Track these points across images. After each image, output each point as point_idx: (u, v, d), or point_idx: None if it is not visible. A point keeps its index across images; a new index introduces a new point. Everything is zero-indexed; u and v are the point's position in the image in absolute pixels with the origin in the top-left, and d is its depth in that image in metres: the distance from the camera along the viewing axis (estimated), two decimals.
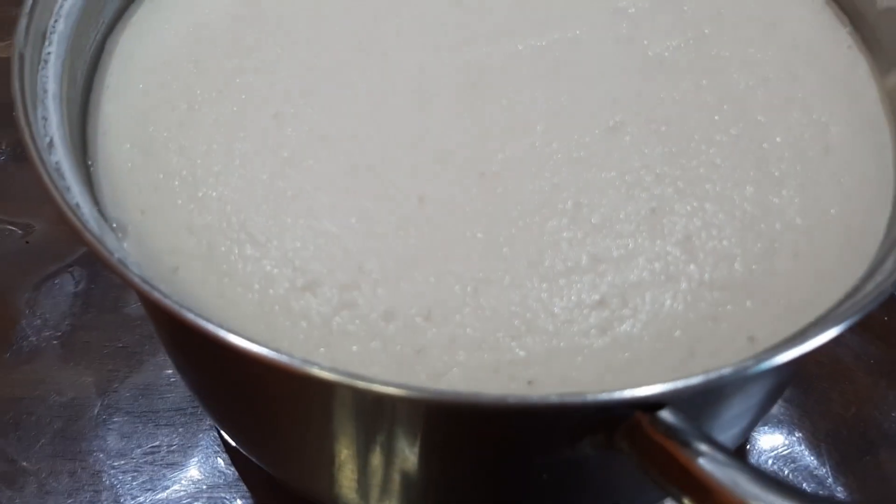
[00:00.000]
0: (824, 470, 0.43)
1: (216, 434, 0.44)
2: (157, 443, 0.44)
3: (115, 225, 0.32)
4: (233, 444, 0.43)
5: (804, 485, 0.42)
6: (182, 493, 0.43)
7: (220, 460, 0.43)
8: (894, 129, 0.35)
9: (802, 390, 0.45)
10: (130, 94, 0.35)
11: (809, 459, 0.44)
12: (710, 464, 0.23)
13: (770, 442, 0.44)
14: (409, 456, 0.28)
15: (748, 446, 0.44)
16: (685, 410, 0.24)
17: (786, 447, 0.44)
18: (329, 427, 0.28)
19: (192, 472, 0.43)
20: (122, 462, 0.44)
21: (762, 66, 0.36)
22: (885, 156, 0.34)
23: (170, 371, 0.46)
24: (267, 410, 0.32)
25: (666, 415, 0.24)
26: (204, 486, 0.43)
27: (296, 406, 0.29)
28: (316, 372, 0.23)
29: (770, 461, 0.43)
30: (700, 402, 0.26)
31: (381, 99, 0.34)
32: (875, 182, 0.33)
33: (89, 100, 0.36)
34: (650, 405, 0.24)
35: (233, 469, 0.43)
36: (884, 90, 0.36)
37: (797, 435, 0.44)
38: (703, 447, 0.24)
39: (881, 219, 0.32)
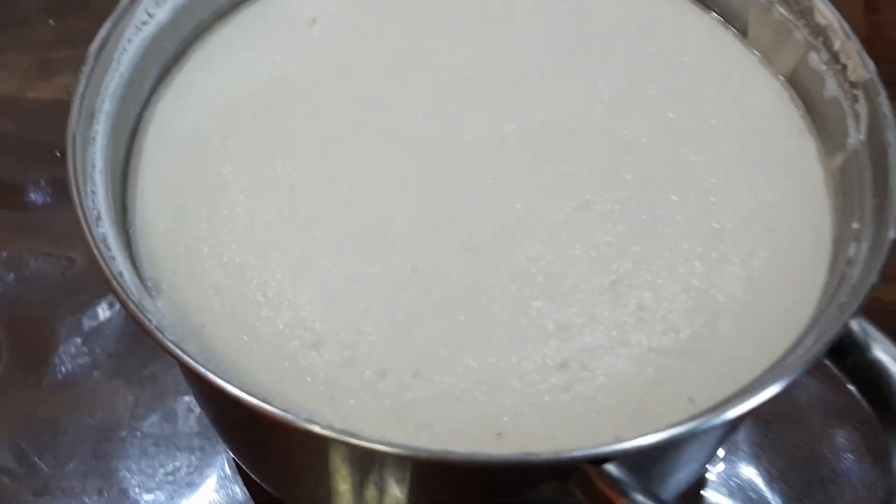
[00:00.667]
0: None
1: (229, 457, 0.50)
2: (177, 463, 0.50)
3: (150, 284, 0.37)
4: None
5: None
6: None
7: (233, 484, 0.49)
8: (833, 209, 0.40)
9: (761, 430, 0.50)
10: (165, 163, 0.41)
11: (765, 494, 0.49)
12: None
13: (728, 477, 0.49)
14: (395, 493, 0.34)
15: (707, 481, 0.49)
16: (628, 464, 0.30)
17: (743, 482, 0.49)
18: (328, 467, 0.34)
19: (209, 492, 0.49)
20: (146, 479, 0.49)
21: (719, 150, 0.41)
22: (823, 234, 0.39)
23: (188, 398, 0.52)
24: (275, 450, 0.37)
25: (610, 468, 0.30)
26: None
27: (300, 450, 0.35)
28: (316, 429, 0.29)
29: (728, 494, 0.49)
30: (640, 458, 0.32)
31: (382, 175, 0.40)
32: (811, 259, 0.38)
33: (129, 166, 0.41)
34: (597, 460, 0.30)
35: (244, 490, 0.49)
36: (829, 172, 0.41)
37: (754, 471, 0.49)
38: (640, 498, 0.29)
39: (814, 292, 0.37)
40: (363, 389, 0.34)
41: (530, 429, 0.33)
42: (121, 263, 0.35)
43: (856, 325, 0.34)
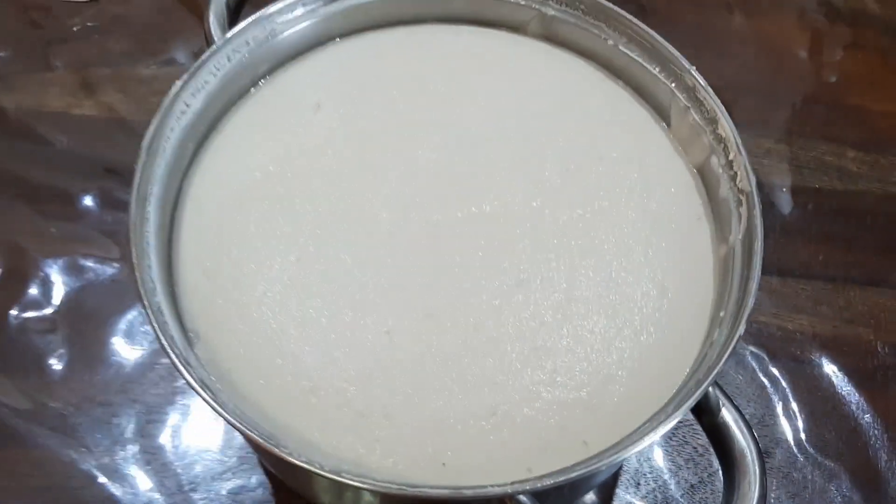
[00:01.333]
0: None
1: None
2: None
3: (191, 333, 0.50)
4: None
5: None
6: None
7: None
8: (716, 290, 0.53)
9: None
10: (198, 233, 0.53)
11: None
12: None
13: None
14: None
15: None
16: (535, 494, 0.43)
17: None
18: (323, 483, 0.48)
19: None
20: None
21: (631, 236, 0.54)
22: (705, 309, 0.52)
23: None
24: (295, 471, 0.51)
25: (522, 498, 0.43)
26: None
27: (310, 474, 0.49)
28: (315, 469, 0.42)
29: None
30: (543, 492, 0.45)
31: (363, 252, 0.52)
32: (690, 337, 0.51)
33: (172, 234, 0.54)
34: (509, 494, 0.43)
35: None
36: (717, 259, 0.54)
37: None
38: None
39: (686, 364, 0.50)
40: (348, 427, 0.47)
41: (467, 460, 0.47)
42: (172, 328, 0.47)
43: (711, 393, 0.47)
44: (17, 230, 0.73)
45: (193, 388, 0.45)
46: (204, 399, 0.44)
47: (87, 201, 0.74)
